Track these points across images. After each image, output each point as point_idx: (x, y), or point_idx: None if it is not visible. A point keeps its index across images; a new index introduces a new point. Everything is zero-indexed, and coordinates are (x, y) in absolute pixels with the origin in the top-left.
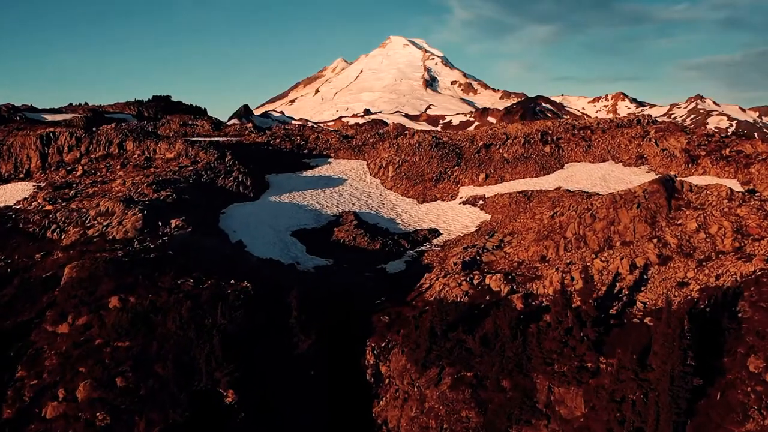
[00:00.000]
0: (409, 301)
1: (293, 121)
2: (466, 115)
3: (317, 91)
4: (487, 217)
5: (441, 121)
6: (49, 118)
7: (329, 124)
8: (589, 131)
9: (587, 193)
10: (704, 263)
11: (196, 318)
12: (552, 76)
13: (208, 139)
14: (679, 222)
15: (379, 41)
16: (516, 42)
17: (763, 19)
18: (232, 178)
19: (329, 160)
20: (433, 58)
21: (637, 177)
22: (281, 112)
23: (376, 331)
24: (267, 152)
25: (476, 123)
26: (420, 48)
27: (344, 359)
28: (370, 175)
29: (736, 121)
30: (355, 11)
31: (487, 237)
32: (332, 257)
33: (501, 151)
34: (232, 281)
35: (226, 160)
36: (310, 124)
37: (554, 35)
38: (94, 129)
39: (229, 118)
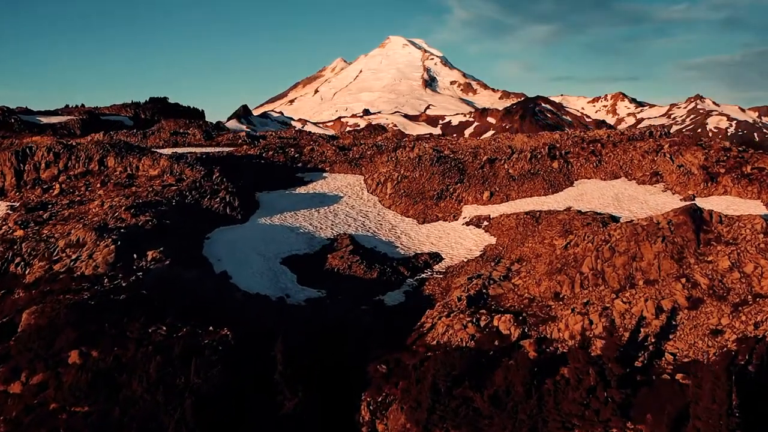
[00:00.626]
0: (409, 345)
1: (292, 122)
2: (465, 116)
3: (316, 91)
4: (493, 240)
5: (440, 122)
6: (44, 120)
7: (328, 124)
8: (599, 145)
9: (600, 214)
10: (740, 308)
11: (166, 377)
12: (551, 76)
13: (198, 150)
14: (709, 259)
15: (379, 41)
16: (515, 42)
17: (763, 19)
18: (218, 199)
19: (324, 174)
20: (432, 58)
21: (653, 196)
22: (280, 113)
23: (372, 382)
24: (259, 166)
25: (476, 123)
26: (419, 48)
27: (336, 416)
28: (368, 191)
29: (735, 121)
30: (354, 11)
31: (492, 264)
32: (325, 288)
33: (506, 166)
34: (211, 328)
35: (214, 177)
36: (309, 125)
37: (554, 35)
38: (73, 144)
39: (228, 119)
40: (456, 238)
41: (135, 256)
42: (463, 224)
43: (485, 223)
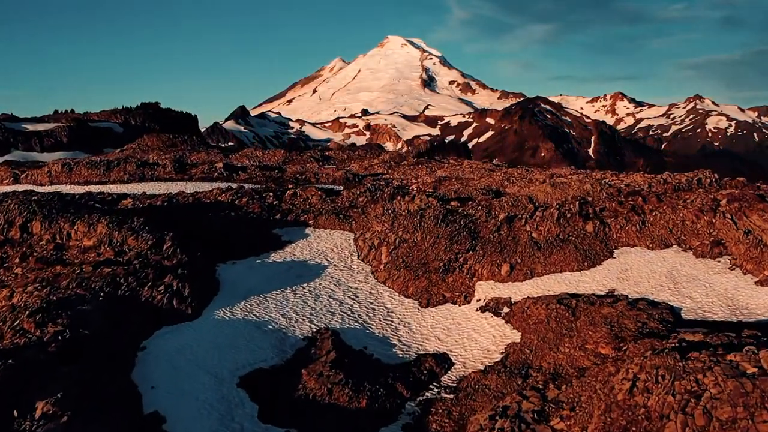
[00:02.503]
0: None
1: (290, 122)
2: (464, 116)
3: (315, 90)
4: (516, 336)
5: (439, 122)
6: (30, 128)
7: (327, 125)
8: (639, 198)
9: (655, 306)
10: None
11: None
12: (550, 75)
13: (165, 187)
14: None
15: (377, 41)
16: (514, 41)
17: (761, 18)
18: (162, 287)
19: (306, 230)
20: (431, 58)
21: (718, 277)
22: (278, 113)
23: None
24: (228, 220)
25: (475, 124)
26: (418, 48)
27: None
28: (358, 257)
29: (735, 122)
30: (353, 11)
31: (520, 382)
32: (297, 425)
33: (528, 228)
34: None
35: (165, 248)
36: (307, 125)
37: (552, 34)
38: None
39: (226, 120)
40: (469, 332)
41: (16, 413)
42: (477, 310)
43: (505, 309)
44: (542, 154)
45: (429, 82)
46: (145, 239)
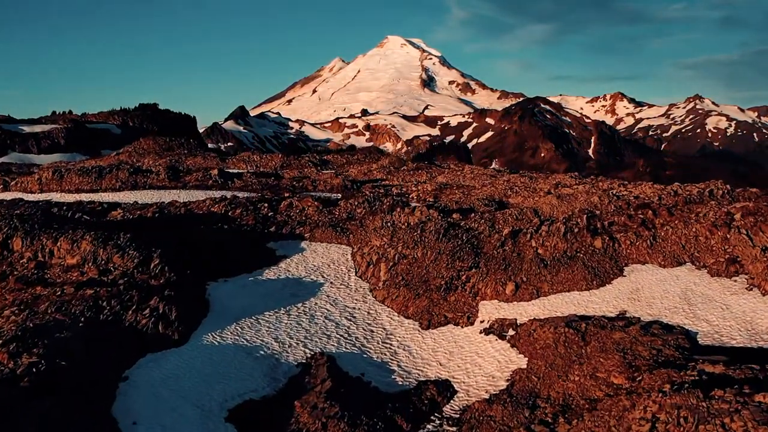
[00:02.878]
0: None
1: (290, 122)
2: (464, 117)
3: (314, 91)
4: (522, 361)
5: (439, 122)
6: (27, 129)
7: (326, 125)
8: (650, 212)
9: (670, 330)
10: None
11: None
12: (550, 75)
13: (158, 195)
14: None
15: (377, 41)
16: (514, 41)
17: (761, 18)
18: (148, 311)
19: (302, 244)
20: (430, 58)
21: (735, 298)
22: (278, 113)
23: None
24: (220, 234)
25: (474, 124)
26: (418, 48)
27: None
28: (355, 274)
29: (735, 122)
30: (353, 11)
31: (527, 414)
32: None
33: (534, 243)
34: None
35: (152, 266)
36: (306, 125)
37: (552, 34)
38: None
39: (225, 120)
40: (472, 357)
41: None
42: (480, 332)
43: (510, 331)
44: (542, 155)
45: (428, 82)
46: (132, 257)
